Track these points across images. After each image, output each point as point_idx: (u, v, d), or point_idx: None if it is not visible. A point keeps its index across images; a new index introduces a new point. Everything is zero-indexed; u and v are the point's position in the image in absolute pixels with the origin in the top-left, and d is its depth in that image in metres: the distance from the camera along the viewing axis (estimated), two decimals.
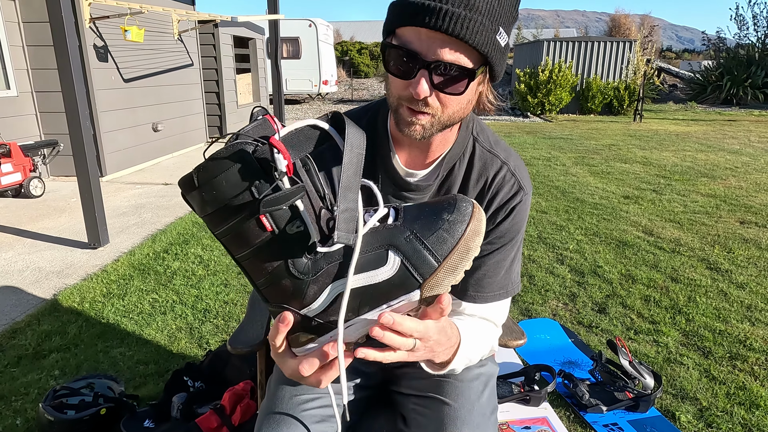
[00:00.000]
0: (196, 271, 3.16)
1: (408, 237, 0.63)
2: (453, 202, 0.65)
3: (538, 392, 1.95)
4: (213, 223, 0.60)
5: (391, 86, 0.79)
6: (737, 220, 4.27)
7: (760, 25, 16.45)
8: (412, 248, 0.63)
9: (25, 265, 3.25)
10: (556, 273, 3.17)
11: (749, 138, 9.06)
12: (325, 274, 0.62)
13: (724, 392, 2.01)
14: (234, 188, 0.57)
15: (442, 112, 0.78)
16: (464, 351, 0.83)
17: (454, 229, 0.63)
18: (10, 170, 4.63)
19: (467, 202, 0.66)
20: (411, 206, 0.68)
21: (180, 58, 7.15)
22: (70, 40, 3.15)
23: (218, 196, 0.58)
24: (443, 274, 0.63)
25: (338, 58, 21.98)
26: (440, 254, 0.63)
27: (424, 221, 0.64)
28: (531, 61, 13.64)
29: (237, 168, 0.57)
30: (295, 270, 0.61)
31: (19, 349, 2.29)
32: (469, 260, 0.64)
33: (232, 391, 1.78)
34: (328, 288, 0.62)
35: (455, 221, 0.64)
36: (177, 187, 5.30)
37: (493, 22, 0.72)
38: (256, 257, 0.61)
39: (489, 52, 0.73)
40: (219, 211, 0.59)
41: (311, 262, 0.61)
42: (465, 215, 0.64)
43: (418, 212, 0.66)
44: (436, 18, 0.70)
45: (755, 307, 2.73)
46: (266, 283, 0.63)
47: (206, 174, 0.57)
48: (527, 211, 0.97)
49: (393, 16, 0.76)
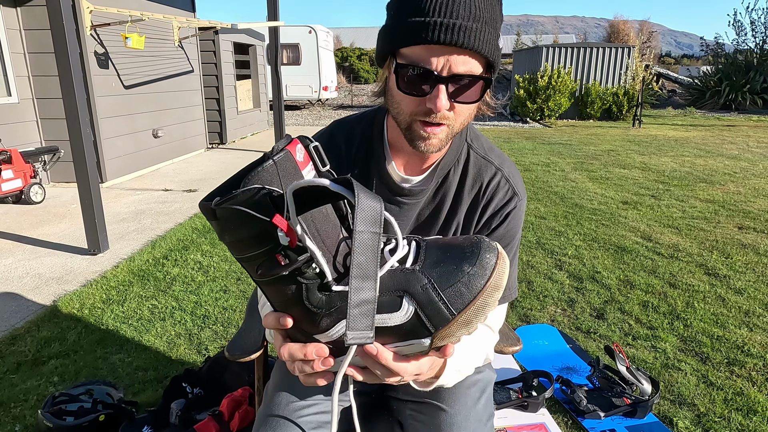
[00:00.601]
0: (196, 278, 3.16)
1: (425, 286, 0.62)
2: (477, 251, 0.63)
3: (536, 398, 1.95)
4: (231, 248, 0.60)
5: (402, 105, 0.81)
6: (735, 225, 4.28)
7: (758, 31, 16.53)
8: (428, 298, 0.61)
9: (25, 271, 3.26)
10: (554, 279, 3.18)
11: (748, 143, 9.08)
12: (339, 310, 0.62)
13: (721, 398, 2.02)
14: (250, 229, 0.57)
15: (455, 122, 0.81)
16: (452, 365, 0.84)
17: (473, 283, 0.62)
18: (10, 176, 4.65)
19: (491, 252, 0.64)
20: (433, 246, 0.66)
21: (180, 65, 7.18)
22: (71, 48, 3.17)
23: (236, 232, 0.58)
24: (456, 327, 0.63)
25: (338, 64, 22.06)
26: (456, 308, 0.62)
27: (444, 270, 0.63)
28: (530, 66, 13.70)
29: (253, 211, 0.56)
30: (309, 303, 0.61)
31: (18, 356, 2.30)
32: (485, 314, 0.63)
33: (231, 398, 1.79)
34: (341, 323, 0.62)
35: (475, 275, 0.62)
36: (177, 193, 5.32)
37: (494, 29, 0.76)
38: (274, 286, 0.62)
39: (494, 59, 0.78)
40: (236, 242, 0.59)
41: (326, 298, 0.61)
42: (487, 269, 0.62)
43: (438, 257, 0.64)
44: (451, 34, 0.72)
45: (753, 313, 2.74)
46: (282, 307, 0.64)
47: (223, 211, 0.56)
48: (522, 217, 0.99)
49: (395, 35, 0.77)
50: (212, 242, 3.78)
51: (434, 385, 0.85)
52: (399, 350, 0.65)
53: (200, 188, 5.57)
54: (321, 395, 1.02)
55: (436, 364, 0.78)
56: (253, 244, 0.58)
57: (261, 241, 0.57)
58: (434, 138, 0.81)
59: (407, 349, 0.65)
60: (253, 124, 10.02)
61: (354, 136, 0.98)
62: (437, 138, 0.81)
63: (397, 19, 0.78)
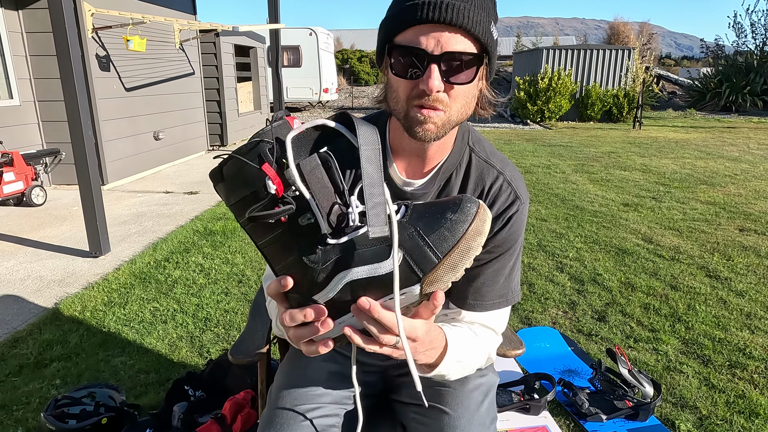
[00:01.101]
0: (197, 280, 3.17)
1: (411, 233, 0.66)
2: (458, 202, 0.68)
3: (538, 401, 1.95)
4: (236, 212, 0.66)
5: (398, 90, 0.81)
6: (736, 227, 4.28)
7: (758, 33, 16.54)
8: (415, 244, 0.66)
9: (26, 274, 3.26)
10: (555, 281, 3.18)
11: (748, 145, 9.09)
12: (334, 264, 0.66)
13: (723, 401, 2.02)
14: (250, 184, 0.63)
15: (451, 107, 0.80)
16: (453, 355, 0.84)
17: (456, 227, 0.66)
18: (12, 179, 4.65)
19: (473, 202, 0.69)
20: (419, 204, 0.71)
21: (181, 67, 7.19)
22: (73, 50, 3.18)
23: (238, 190, 0.64)
24: (443, 270, 0.66)
25: (339, 66, 22.08)
26: (441, 251, 0.66)
27: (428, 219, 0.67)
28: (530, 68, 13.71)
29: (253, 165, 0.63)
30: (307, 259, 0.66)
31: (20, 358, 2.30)
32: (470, 259, 0.67)
33: (233, 401, 1.79)
34: (337, 277, 0.66)
35: (458, 220, 0.66)
36: (178, 196, 5.32)
37: (485, 13, 0.77)
38: (274, 246, 0.67)
39: (487, 41, 0.78)
40: (240, 202, 0.65)
41: (321, 253, 0.65)
42: (468, 215, 0.67)
43: (424, 210, 0.69)
44: (439, 11, 0.74)
45: (755, 315, 2.74)
46: (283, 269, 0.68)
47: (229, 169, 0.64)
48: (524, 221, 0.99)
49: (390, 25, 0.79)
50: (213, 245, 3.79)
51: (434, 373, 0.85)
52: (393, 303, 0.67)
53: (201, 190, 5.57)
54: (325, 399, 1.02)
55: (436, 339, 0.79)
56: (255, 199, 0.64)
57: (262, 195, 0.63)
58: (430, 123, 0.80)
59: (401, 301, 0.68)
60: (254, 126, 10.03)
61: None
62: (433, 123, 0.80)
63: (391, 10, 0.80)
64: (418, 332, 0.72)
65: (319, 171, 0.66)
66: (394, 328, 0.68)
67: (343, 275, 0.66)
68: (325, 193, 0.66)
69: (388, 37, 0.80)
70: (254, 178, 0.63)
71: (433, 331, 0.79)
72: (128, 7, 5.80)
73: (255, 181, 0.63)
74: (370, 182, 0.65)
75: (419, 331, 0.72)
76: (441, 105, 0.79)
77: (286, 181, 0.63)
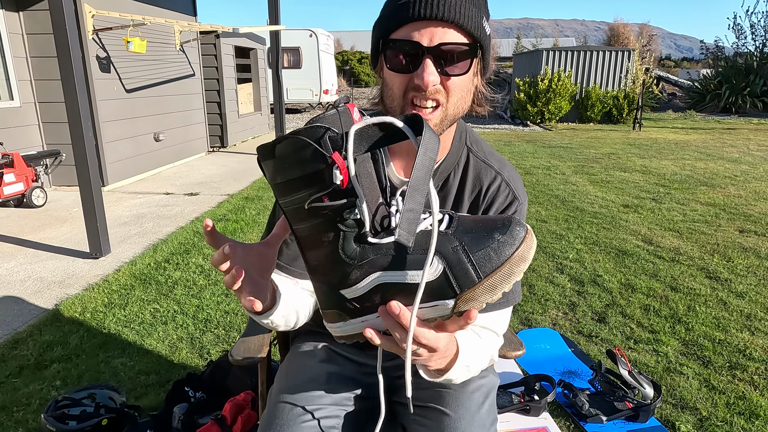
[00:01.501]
0: (197, 281, 3.17)
1: (455, 247, 0.65)
2: (507, 224, 0.67)
3: (538, 402, 1.95)
4: (280, 192, 0.65)
5: (394, 86, 0.81)
6: (736, 228, 4.29)
7: (757, 35, 16.55)
8: (457, 259, 0.64)
9: (26, 275, 3.26)
10: (555, 282, 3.18)
11: (748, 146, 9.09)
12: (370, 263, 0.65)
13: (723, 402, 2.02)
14: (304, 167, 0.62)
15: (448, 101, 0.81)
16: (463, 360, 0.84)
17: (502, 249, 0.64)
18: (12, 180, 4.66)
19: (521, 226, 0.67)
20: (466, 217, 0.70)
21: (182, 69, 7.20)
22: (74, 52, 3.18)
23: (289, 171, 0.63)
24: (482, 290, 0.64)
25: (339, 67, 22.09)
26: (483, 271, 0.64)
27: (475, 236, 0.66)
28: (530, 70, 13.72)
29: (311, 150, 0.61)
30: (344, 254, 0.64)
31: (20, 360, 2.30)
32: (510, 284, 0.65)
33: (233, 402, 1.79)
34: (370, 277, 0.65)
35: (505, 243, 0.65)
36: (178, 197, 5.32)
37: (476, 8, 0.78)
38: (311, 233, 0.66)
39: (480, 35, 0.79)
40: (287, 183, 0.63)
41: (360, 249, 0.64)
42: (516, 239, 0.65)
43: (471, 225, 0.68)
44: (431, 7, 0.75)
45: (755, 317, 2.74)
46: (315, 258, 0.67)
47: (284, 148, 0.62)
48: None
49: (384, 24, 0.80)
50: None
51: (442, 378, 0.85)
52: (423, 312, 0.67)
53: (201, 191, 5.57)
54: (325, 400, 1.02)
55: (449, 349, 0.78)
56: (304, 184, 0.62)
57: (312, 181, 0.62)
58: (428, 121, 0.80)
59: (431, 311, 0.66)
60: (254, 128, 10.04)
61: None
62: (432, 123, 0.81)
63: (384, 10, 0.81)
64: (440, 344, 0.71)
65: (370, 167, 0.65)
66: (420, 337, 0.67)
67: (378, 276, 0.65)
68: (373, 191, 0.65)
69: (382, 36, 0.80)
70: (312, 163, 0.61)
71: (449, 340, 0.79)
72: (129, 9, 5.81)
73: (312, 166, 0.62)
74: (413, 186, 0.63)
75: (441, 343, 0.71)
76: (439, 97, 0.80)
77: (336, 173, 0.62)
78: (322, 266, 0.67)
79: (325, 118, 0.62)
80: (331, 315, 0.70)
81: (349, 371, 1.10)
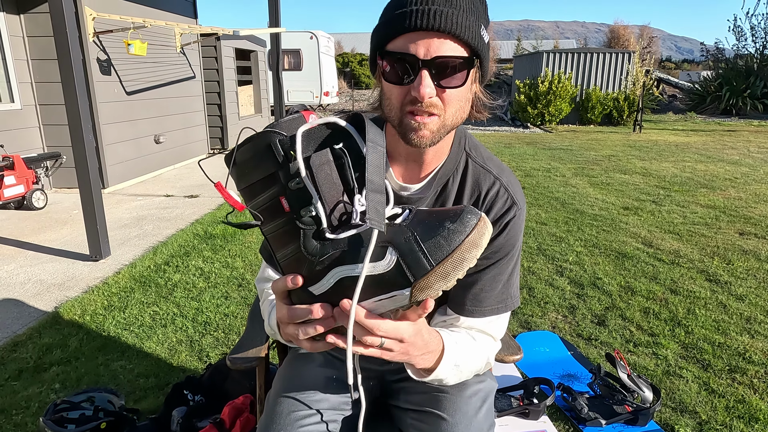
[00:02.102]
0: (197, 284, 3.17)
1: (408, 237, 0.67)
2: (459, 213, 0.69)
3: (537, 405, 1.95)
4: (246, 197, 0.69)
5: (392, 98, 0.81)
6: (737, 231, 4.28)
7: (758, 36, 16.56)
8: (409, 248, 0.66)
9: (26, 277, 3.26)
10: (555, 285, 3.18)
11: (749, 148, 9.09)
12: (331, 258, 0.67)
13: (723, 405, 2.01)
14: (260, 171, 0.67)
15: (445, 112, 0.81)
16: (450, 359, 0.84)
17: (452, 237, 0.66)
18: (13, 182, 4.66)
19: (474, 214, 0.69)
20: (422, 210, 0.72)
21: (182, 71, 7.21)
22: (74, 54, 3.19)
23: (248, 176, 0.68)
24: (434, 278, 0.66)
25: (339, 69, 22.12)
26: (435, 259, 0.66)
27: (427, 226, 0.68)
28: (531, 72, 13.73)
29: (263, 153, 0.66)
30: (305, 251, 0.67)
31: (20, 362, 2.30)
32: (463, 270, 0.67)
33: (232, 405, 1.79)
34: (331, 272, 0.68)
35: (455, 230, 0.67)
36: (178, 199, 5.33)
37: (474, 17, 0.77)
38: (277, 233, 0.69)
39: (478, 45, 0.78)
40: (249, 187, 0.68)
41: (320, 246, 0.67)
42: (467, 226, 0.67)
43: (425, 217, 0.70)
44: (427, 18, 0.74)
45: (754, 320, 2.74)
46: (283, 257, 0.70)
47: (241, 155, 0.67)
48: (522, 226, 0.99)
49: (381, 32, 0.80)
50: (213, 248, 3.79)
51: (431, 377, 0.85)
52: (382, 304, 0.68)
53: (202, 194, 5.58)
54: (323, 404, 1.02)
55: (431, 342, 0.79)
56: (263, 187, 0.67)
57: (269, 183, 0.66)
58: (425, 129, 0.80)
59: (390, 302, 0.68)
60: (254, 130, 10.04)
61: None
62: (428, 129, 0.80)
63: (382, 18, 0.81)
64: (403, 334, 0.72)
65: (329, 167, 0.68)
66: (375, 329, 0.69)
67: (337, 271, 0.67)
68: (331, 189, 0.67)
69: (380, 45, 0.80)
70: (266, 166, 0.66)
71: (427, 335, 0.80)
72: (129, 12, 5.82)
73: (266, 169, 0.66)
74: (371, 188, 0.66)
75: (405, 333, 0.73)
76: (435, 110, 0.80)
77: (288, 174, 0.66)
78: (289, 265, 0.70)
79: (279, 123, 0.67)
80: None
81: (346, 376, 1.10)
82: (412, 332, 0.74)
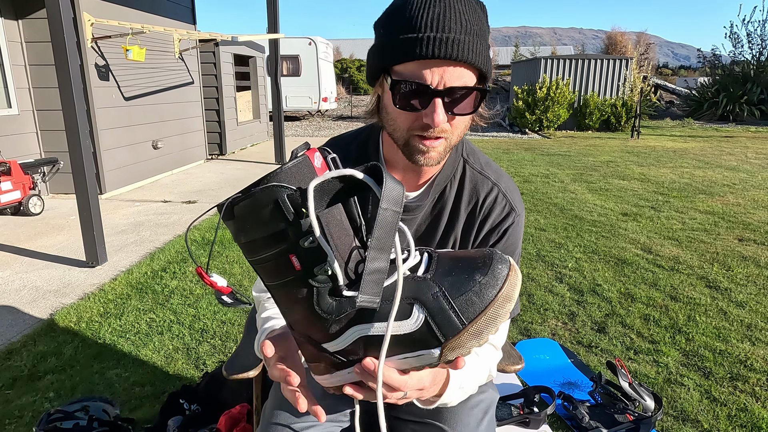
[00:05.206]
0: (194, 291, 3.14)
1: (436, 294, 0.61)
2: (489, 262, 0.63)
3: (538, 414, 1.92)
4: (246, 251, 0.61)
5: (399, 121, 0.81)
6: (735, 237, 4.28)
7: (754, 43, 16.66)
8: (438, 307, 0.61)
9: (22, 284, 3.23)
10: (555, 291, 3.16)
11: (746, 154, 9.11)
12: (348, 316, 0.62)
13: (725, 414, 2.00)
14: (265, 228, 0.58)
15: (453, 134, 0.81)
16: (456, 383, 0.83)
17: (484, 292, 0.61)
18: (9, 188, 4.64)
19: (503, 263, 0.64)
20: (445, 257, 0.66)
21: (180, 77, 7.21)
22: (72, 60, 3.18)
23: (252, 232, 0.59)
24: (467, 337, 0.61)
25: (338, 75, 22.17)
26: (466, 317, 0.61)
27: (455, 279, 0.62)
28: (529, 78, 13.77)
29: (269, 210, 0.57)
30: (320, 309, 0.61)
31: (14, 371, 2.27)
32: (497, 326, 0.62)
33: (229, 415, 1.76)
34: (349, 330, 0.62)
35: (487, 284, 0.62)
36: (176, 205, 5.31)
37: (484, 41, 0.77)
38: (284, 289, 0.62)
39: (487, 70, 0.79)
40: (251, 243, 0.60)
41: (336, 303, 0.61)
42: (498, 279, 0.62)
43: (450, 266, 0.64)
44: (444, 47, 0.73)
45: (755, 327, 2.72)
46: (291, 313, 0.64)
47: (242, 209, 0.58)
48: (521, 233, 0.98)
49: (388, 53, 0.78)
50: (211, 255, 3.76)
51: (437, 404, 0.83)
52: (408, 362, 0.64)
53: (199, 199, 5.56)
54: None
55: (438, 378, 0.76)
56: (268, 244, 0.59)
57: (276, 241, 0.58)
58: (433, 151, 0.81)
59: (417, 361, 0.64)
60: (252, 135, 10.04)
61: (349, 153, 0.97)
62: (436, 151, 0.81)
63: (388, 36, 0.78)
64: (425, 383, 0.70)
65: (338, 212, 0.61)
66: (401, 387, 0.65)
67: (357, 329, 0.62)
68: (344, 237, 0.61)
69: (385, 65, 0.79)
70: (272, 223, 0.58)
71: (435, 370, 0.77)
72: (128, 17, 5.82)
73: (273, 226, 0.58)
74: (376, 246, 0.59)
75: (426, 381, 0.71)
76: (444, 134, 0.80)
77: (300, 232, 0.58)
78: (300, 322, 0.64)
79: (283, 171, 0.58)
80: (317, 368, 0.68)
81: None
82: (431, 379, 0.72)
